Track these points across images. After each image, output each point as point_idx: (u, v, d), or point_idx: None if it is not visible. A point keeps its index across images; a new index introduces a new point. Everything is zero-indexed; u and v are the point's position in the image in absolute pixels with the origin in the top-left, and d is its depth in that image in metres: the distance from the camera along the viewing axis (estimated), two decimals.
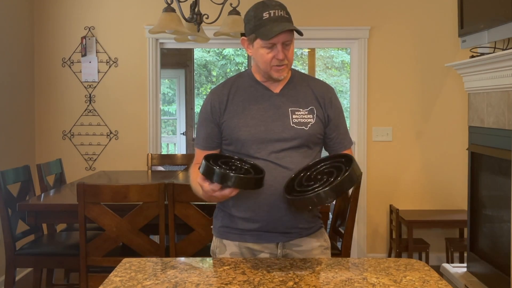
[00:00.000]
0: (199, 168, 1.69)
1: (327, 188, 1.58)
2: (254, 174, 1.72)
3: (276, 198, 1.80)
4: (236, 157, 1.80)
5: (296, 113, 1.86)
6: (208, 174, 1.65)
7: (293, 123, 1.84)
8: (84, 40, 4.70)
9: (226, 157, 1.81)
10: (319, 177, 1.69)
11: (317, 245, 1.93)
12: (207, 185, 1.65)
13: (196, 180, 1.74)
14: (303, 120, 1.84)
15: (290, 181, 1.76)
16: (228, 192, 1.65)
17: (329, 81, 10.89)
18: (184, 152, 8.63)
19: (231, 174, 1.63)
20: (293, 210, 1.79)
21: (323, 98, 1.91)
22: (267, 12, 1.77)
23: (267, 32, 1.75)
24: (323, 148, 1.98)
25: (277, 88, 1.90)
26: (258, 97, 1.88)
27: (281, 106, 1.86)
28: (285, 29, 1.74)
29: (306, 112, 1.86)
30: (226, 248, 1.89)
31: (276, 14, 1.77)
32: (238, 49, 9.76)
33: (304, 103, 1.88)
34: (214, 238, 1.96)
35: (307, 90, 1.92)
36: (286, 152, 1.82)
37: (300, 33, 1.79)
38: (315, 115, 1.87)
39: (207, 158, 1.69)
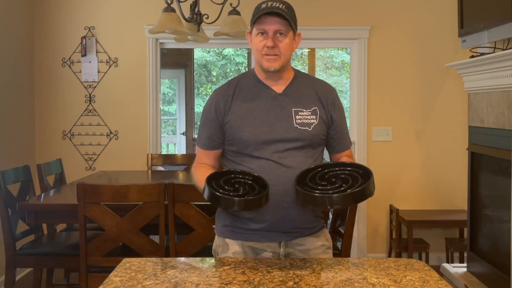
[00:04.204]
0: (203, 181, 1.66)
1: (338, 195, 1.59)
2: (258, 188, 1.69)
3: (279, 197, 1.80)
4: (238, 170, 1.77)
5: (299, 113, 1.86)
6: (213, 200, 1.65)
7: (296, 123, 1.84)
8: (84, 40, 4.70)
9: (227, 173, 1.75)
10: (333, 179, 1.69)
11: (319, 244, 1.93)
12: None
13: (201, 180, 1.74)
14: (306, 121, 1.84)
15: (303, 173, 1.75)
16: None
17: (329, 81, 10.89)
18: (184, 152, 8.63)
19: (235, 198, 1.62)
20: (298, 202, 1.75)
21: (326, 100, 1.91)
22: (265, 3, 1.83)
23: (258, 16, 1.79)
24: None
25: (280, 88, 1.90)
26: (262, 97, 1.88)
27: (285, 106, 1.86)
28: (271, 10, 1.77)
29: (310, 113, 1.86)
30: (228, 247, 1.89)
31: (274, 5, 1.80)
32: (238, 49, 9.76)
33: (307, 104, 1.88)
34: (216, 237, 1.96)
35: (310, 90, 1.92)
36: (289, 152, 1.82)
37: (292, 26, 1.80)
38: (318, 116, 1.87)
39: (209, 181, 1.67)
